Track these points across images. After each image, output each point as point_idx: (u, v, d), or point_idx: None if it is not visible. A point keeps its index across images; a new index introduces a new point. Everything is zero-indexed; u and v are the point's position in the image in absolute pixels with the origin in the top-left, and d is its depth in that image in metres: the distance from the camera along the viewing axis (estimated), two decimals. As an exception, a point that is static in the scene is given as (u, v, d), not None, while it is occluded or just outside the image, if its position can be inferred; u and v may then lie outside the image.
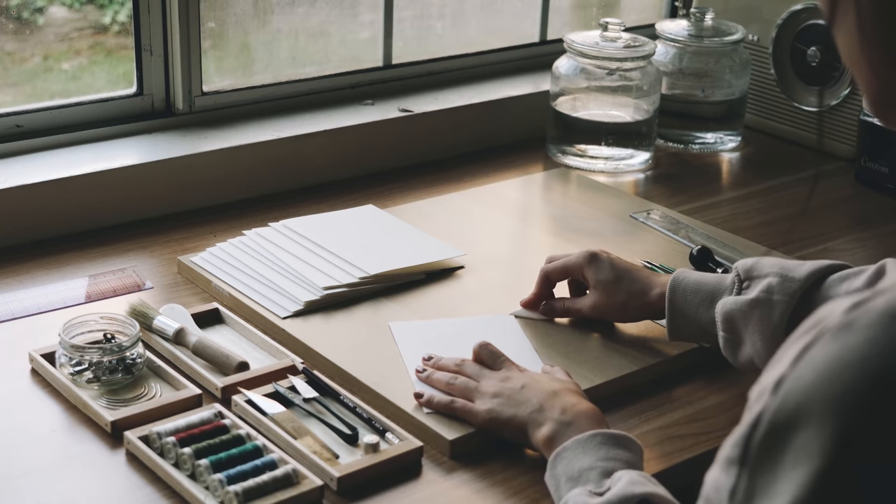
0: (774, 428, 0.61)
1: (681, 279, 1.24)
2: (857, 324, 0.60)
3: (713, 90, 1.96)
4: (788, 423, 0.60)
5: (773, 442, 0.61)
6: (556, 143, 1.89)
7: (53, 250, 1.49)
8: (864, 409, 0.58)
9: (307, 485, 1.04)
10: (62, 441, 1.12)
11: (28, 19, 1.74)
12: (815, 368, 0.60)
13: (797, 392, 0.60)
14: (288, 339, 1.29)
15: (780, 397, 0.61)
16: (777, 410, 0.60)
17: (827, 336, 0.61)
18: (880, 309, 0.60)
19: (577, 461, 1.00)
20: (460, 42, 2.08)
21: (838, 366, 0.59)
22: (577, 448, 1.01)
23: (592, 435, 1.02)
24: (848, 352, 0.59)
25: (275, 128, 1.74)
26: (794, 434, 0.60)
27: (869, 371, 0.58)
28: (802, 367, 0.60)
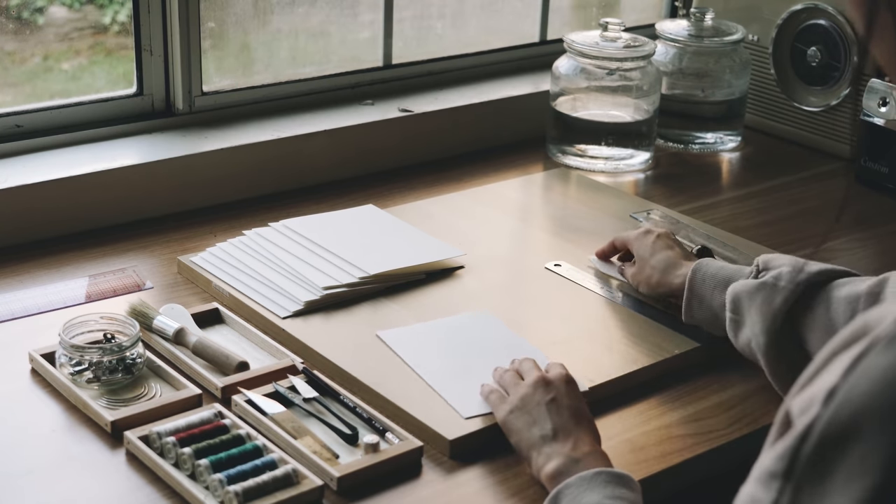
0: (827, 440, 0.58)
1: (705, 264, 1.29)
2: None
3: (713, 90, 1.96)
4: (843, 435, 0.58)
5: (825, 455, 0.58)
6: (556, 143, 1.89)
7: (53, 250, 1.49)
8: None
9: (307, 485, 1.04)
10: (62, 441, 1.12)
11: (28, 19, 1.74)
12: (872, 378, 0.58)
13: (852, 403, 0.58)
14: (288, 339, 1.29)
15: (833, 408, 0.58)
16: (830, 422, 0.58)
17: (881, 345, 0.59)
18: None
19: (583, 498, 0.97)
20: (460, 42, 2.08)
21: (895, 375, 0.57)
22: (581, 485, 0.99)
23: (597, 473, 0.99)
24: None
25: (275, 128, 1.74)
26: (849, 447, 0.58)
27: None
28: (857, 377, 0.58)
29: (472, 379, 1.19)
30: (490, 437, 1.14)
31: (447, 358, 1.24)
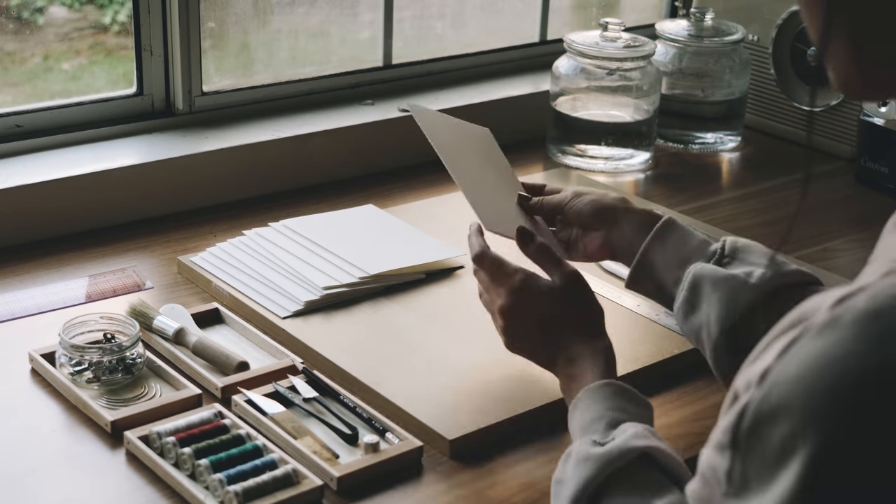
0: (759, 419, 0.63)
1: (664, 232, 1.18)
2: (841, 321, 0.61)
3: (713, 90, 1.96)
4: (772, 415, 0.62)
5: (760, 432, 0.63)
6: (556, 143, 1.89)
7: (53, 250, 1.49)
8: (844, 407, 0.60)
9: (307, 485, 1.04)
10: (62, 441, 1.12)
11: (28, 19, 1.74)
12: (800, 363, 0.61)
13: (781, 386, 0.62)
14: (288, 339, 1.29)
15: (765, 389, 0.63)
16: (762, 401, 0.63)
17: (812, 332, 0.62)
18: (862, 307, 0.61)
19: (588, 412, 1.01)
20: (460, 42, 2.08)
21: (822, 361, 0.61)
22: (588, 398, 1.02)
23: (602, 384, 1.03)
24: (831, 348, 0.61)
25: (275, 128, 1.74)
26: (777, 426, 0.62)
27: (851, 369, 0.60)
28: (787, 361, 0.62)
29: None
30: (490, 438, 1.14)
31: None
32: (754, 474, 0.64)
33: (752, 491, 0.64)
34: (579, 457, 0.95)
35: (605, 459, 0.94)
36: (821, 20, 0.69)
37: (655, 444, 0.95)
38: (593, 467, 0.93)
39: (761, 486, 0.63)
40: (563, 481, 0.96)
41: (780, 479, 0.62)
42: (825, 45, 0.70)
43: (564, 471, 0.96)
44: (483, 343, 1.25)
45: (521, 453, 1.13)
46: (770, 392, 0.62)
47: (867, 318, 0.61)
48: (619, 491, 0.93)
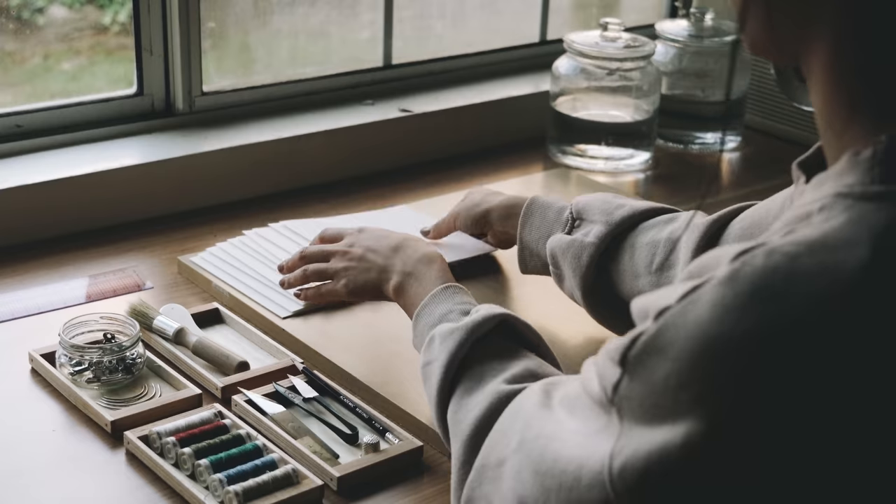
0: (647, 352, 0.67)
1: (530, 211, 1.30)
2: (738, 276, 0.64)
3: (713, 90, 1.96)
4: (661, 353, 0.66)
5: (646, 363, 0.67)
6: (556, 143, 1.89)
7: (53, 250, 1.49)
8: (727, 362, 0.63)
9: (307, 485, 1.04)
10: (62, 441, 1.12)
11: (28, 19, 1.74)
12: (696, 310, 0.65)
13: (675, 328, 0.65)
14: (288, 339, 1.29)
15: (659, 326, 0.66)
16: (653, 337, 0.66)
17: (712, 283, 0.65)
18: (759, 264, 0.64)
19: (437, 310, 1.09)
20: (460, 42, 2.08)
21: (718, 312, 0.63)
22: (433, 301, 1.11)
23: (445, 287, 1.12)
24: (727, 301, 0.64)
25: (275, 128, 1.74)
26: (662, 364, 0.65)
27: (742, 321, 0.63)
28: (685, 306, 0.65)
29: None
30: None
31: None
32: (639, 397, 0.68)
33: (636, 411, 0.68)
34: (443, 334, 1.03)
35: (470, 327, 1.01)
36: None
37: (511, 312, 1.04)
38: (459, 336, 1.01)
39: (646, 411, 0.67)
40: (432, 360, 1.02)
41: (666, 412, 0.65)
42: (744, 14, 0.74)
43: (430, 352, 1.03)
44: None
45: (521, 453, 1.12)
46: (663, 331, 0.66)
47: (764, 272, 0.64)
48: (487, 354, 1.00)
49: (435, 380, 1.01)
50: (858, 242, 0.63)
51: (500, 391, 0.93)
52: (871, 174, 0.66)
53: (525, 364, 0.98)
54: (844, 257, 0.63)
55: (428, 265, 1.17)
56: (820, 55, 0.70)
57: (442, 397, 1.00)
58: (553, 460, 0.74)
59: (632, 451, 0.67)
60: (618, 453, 0.68)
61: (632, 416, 0.68)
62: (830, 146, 0.72)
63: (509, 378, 0.96)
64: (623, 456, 0.67)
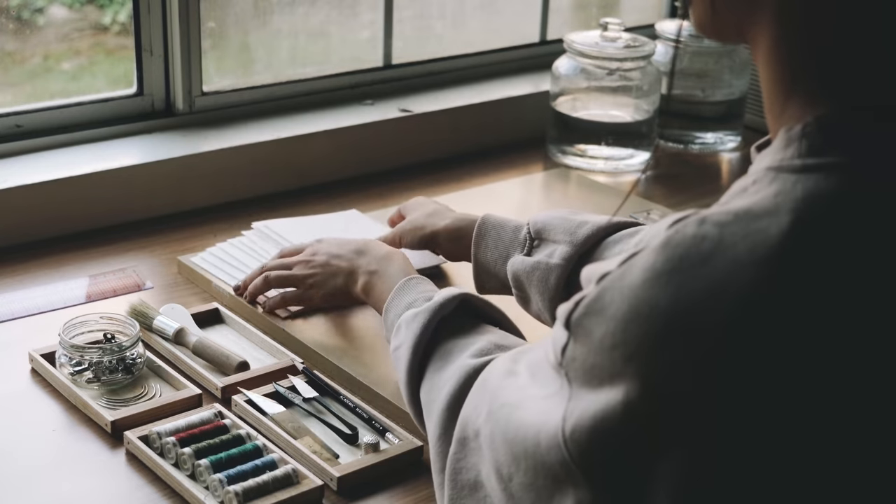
0: (587, 313, 0.70)
1: (482, 231, 1.28)
2: (672, 242, 0.67)
3: (713, 90, 1.96)
4: (598, 313, 0.69)
5: (586, 324, 0.70)
6: (556, 143, 1.89)
7: (53, 250, 1.49)
8: (664, 316, 0.66)
9: (307, 485, 1.04)
10: (62, 441, 1.12)
11: (28, 19, 1.74)
12: (631, 274, 0.68)
13: (612, 291, 0.69)
14: (288, 339, 1.29)
15: (599, 289, 0.70)
16: (593, 300, 0.70)
17: (648, 249, 0.68)
18: (691, 231, 0.67)
19: (402, 300, 1.13)
20: (460, 42, 2.08)
21: (650, 276, 0.67)
22: (398, 294, 1.14)
23: (407, 280, 1.16)
24: (659, 266, 0.67)
25: (275, 128, 1.74)
26: (600, 325, 0.69)
27: (671, 284, 0.66)
28: (624, 270, 0.69)
29: None
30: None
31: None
32: (582, 358, 0.70)
33: (580, 373, 0.71)
34: (408, 319, 1.06)
35: (433, 309, 1.05)
36: None
37: (470, 292, 1.08)
38: (423, 318, 1.04)
39: (588, 372, 0.70)
40: (400, 345, 1.06)
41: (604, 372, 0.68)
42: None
43: (398, 337, 1.06)
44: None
45: (521, 453, 1.12)
46: (601, 294, 0.69)
47: (694, 239, 0.67)
48: (451, 335, 1.03)
49: (403, 362, 1.04)
50: (780, 211, 0.67)
51: (469, 365, 0.96)
52: (798, 149, 0.69)
53: (489, 338, 1.01)
54: (766, 225, 0.66)
55: (389, 262, 1.23)
56: (764, 36, 0.73)
57: (411, 378, 1.03)
58: (517, 427, 0.77)
59: (579, 414, 0.70)
60: (569, 416, 0.71)
61: (577, 378, 0.71)
62: (772, 126, 0.74)
63: (476, 352, 0.99)
64: (573, 418, 0.70)
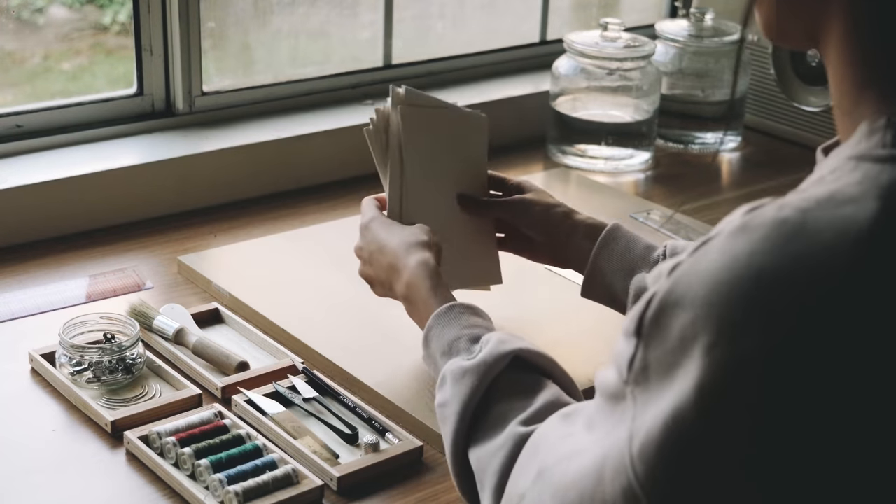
0: (663, 308, 0.67)
1: (611, 240, 1.22)
2: (750, 225, 0.66)
3: (713, 90, 1.96)
4: (676, 304, 0.66)
5: (662, 320, 0.67)
6: (556, 143, 1.89)
7: (53, 250, 1.49)
8: (745, 301, 0.64)
9: (307, 484, 1.04)
10: (62, 441, 1.12)
11: (28, 19, 1.74)
12: (709, 259, 0.66)
13: (688, 278, 0.66)
14: (288, 339, 1.29)
15: (672, 280, 0.67)
16: (668, 292, 0.67)
17: (724, 234, 0.67)
18: (770, 213, 0.66)
19: (444, 335, 1.05)
20: (460, 42, 2.08)
21: (728, 258, 0.65)
22: (440, 323, 1.06)
23: (449, 307, 1.07)
24: (738, 247, 0.65)
25: (275, 128, 1.74)
26: (679, 315, 0.66)
27: (753, 265, 0.64)
28: (697, 258, 0.67)
29: None
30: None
31: None
32: (654, 363, 0.67)
33: (650, 380, 0.68)
34: (455, 375, 0.97)
35: (483, 369, 0.96)
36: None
37: (522, 345, 0.98)
38: (473, 379, 0.96)
39: (660, 375, 0.67)
40: (446, 402, 0.97)
41: (679, 369, 0.65)
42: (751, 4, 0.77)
43: (444, 393, 0.98)
44: (483, 343, 1.25)
45: (521, 453, 1.12)
46: (677, 283, 0.66)
47: (774, 222, 0.65)
48: (503, 395, 0.95)
49: (450, 425, 0.96)
50: (865, 197, 0.65)
51: (521, 434, 0.90)
52: (882, 139, 0.69)
53: (543, 398, 0.94)
54: (853, 211, 0.65)
55: (415, 285, 1.13)
56: (834, 36, 0.72)
57: (457, 442, 0.96)
58: (573, 475, 0.73)
59: (648, 426, 0.66)
60: (635, 433, 0.67)
61: (646, 387, 0.68)
62: (843, 125, 0.74)
63: (529, 417, 0.92)
64: (640, 434, 0.67)
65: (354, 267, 1.43)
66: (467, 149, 1.32)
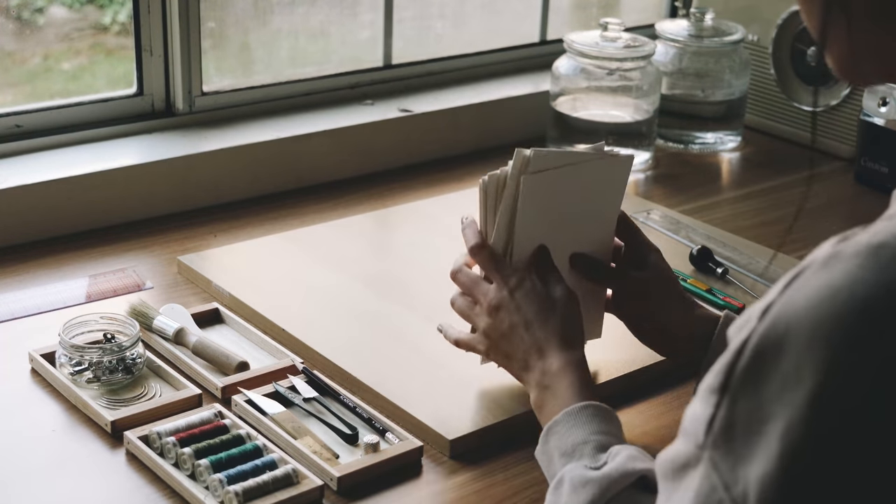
0: (760, 353, 0.62)
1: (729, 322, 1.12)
2: (843, 254, 0.62)
3: (713, 90, 1.96)
4: (776, 347, 0.61)
5: (758, 367, 0.62)
6: (556, 143, 1.89)
7: (53, 250, 1.49)
8: (853, 333, 0.60)
9: (307, 484, 1.04)
10: (62, 441, 1.12)
11: (28, 19, 1.74)
12: (805, 295, 0.61)
13: (786, 317, 0.61)
14: (288, 339, 1.29)
15: (768, 322, 0.62)
16: (764, 335, 0.62)
17: (815, 266, 0.63)
18: (864, 240, 0.63)
19: (570, 436, 0.98)
20: (460, 42, 2.08)
21: (828, 291, 0.61)
22: (568, 421, 1.00)
23: (583, 407, 1.00)
24: (836, 278, 0.61)
25: (275, 128, 1.74)
26: (781, 358, 0.61)
27: (857, 296, 0.60)
28: (791, 294, 0.62)
29: None
30: (490, 438, 1.14)
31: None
32: (743, 417, 0.62)
33: (736, 438, 0.63)
34: (575, 482, 0.93)
35: (606, 483, 0.91)
36: (819, 13, 0.73)
37: (652, 465, 0.92)
38: (594, 490, 0.91)
39: (754, 427, 0.62)
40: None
41: (781, 414, 0.61)
42: (824, 36, 0.73)
43: (559, 496, 0.94)
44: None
45: (521, 453, 1.12)
46: (775, 323, 0.62)
47: (869, 250, 0.62)
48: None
49: None
50: None
51: None
52: None
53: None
54: None
55: (562, 375, 1.04)
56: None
57: None
58: None
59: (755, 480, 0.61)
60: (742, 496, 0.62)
61: (730, 448, 0.63)
62: None
63: None
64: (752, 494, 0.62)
65: (354, 267, 1.44)
66: (598, 198, 1.17)
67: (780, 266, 1.50)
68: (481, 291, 1.12)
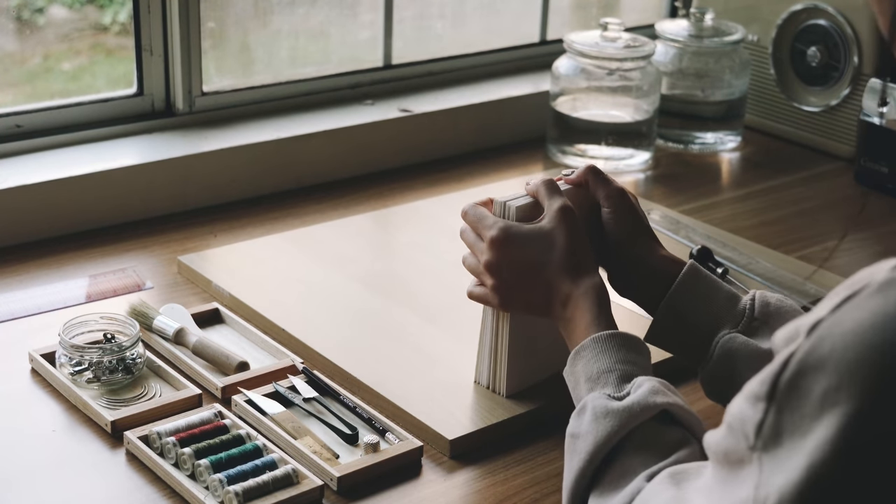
0: (803, 369, 0.62)
1: (695, 280, 1.09)
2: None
3: (713, 90, 1.96)
4: (819, 365, 0.61)
5: (801, 383, 0.62)
6: (556, 143, 1.89)
7: (53, 250, 1.49)
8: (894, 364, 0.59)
9: (307, 485, 1.04)
10: (62, 441, 1.12)
11: (28, 19, 1.74)
12: (855, 317, 0.61)
13: (832, 337, 0.61)
14: (288, 339, 1.29)
15: (814, 339, 0.62)
16: (809, 351, 0.62)
17: (871, 289, 0.61)
18: None
19: (597, 362, 0.99)
20: (460, 42, 2.08)
21: (878, 318, 0.60)
22: (595, 348, 1.00)
23: (611, 335, 1.00)
24: (889, 306, 0.60)
25: (275, 128, 1.74)
26: (823, 377, 0.61)
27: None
28: (842, 314, 0.61)
29: None
30: (490, 437, 1.14)
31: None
32: (788, 427, 0.63)
33: (783, 445, 0.63)
34: (597, 411, 0.93)
35: (627, 414, 0.92)
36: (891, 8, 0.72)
37: (674, 399, 0.94)
38: (614, 422, 0.92)
39: (794, 439, 0.62)
40: (580, 435, 0.94)
41: (815, 431, 0.61)
42: (893, 32, 0.72)
43: (580, 424, 0.95)
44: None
45: (521, 453, 1.13)
46: (820, 343, 0.61)
47: None
48: (639, 446, 0.91)
49: (578, 462, 0.93)
50: None
51: (641, 489, 0.87)
52: None
53: (677, 457, 0.89)
54: None
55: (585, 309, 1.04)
56: None
57: (580, 481, 0.92)
58: None
59: (780, 489, 0.62)
60: (765, 498, 0.64)
61: (775, 453, 0.63)
62: None
63: (652, 475, 0.88)
64: (772, 499, 0.63)
65: (354, 267, 1.44)
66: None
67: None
68: (479, 249, 1.11)
